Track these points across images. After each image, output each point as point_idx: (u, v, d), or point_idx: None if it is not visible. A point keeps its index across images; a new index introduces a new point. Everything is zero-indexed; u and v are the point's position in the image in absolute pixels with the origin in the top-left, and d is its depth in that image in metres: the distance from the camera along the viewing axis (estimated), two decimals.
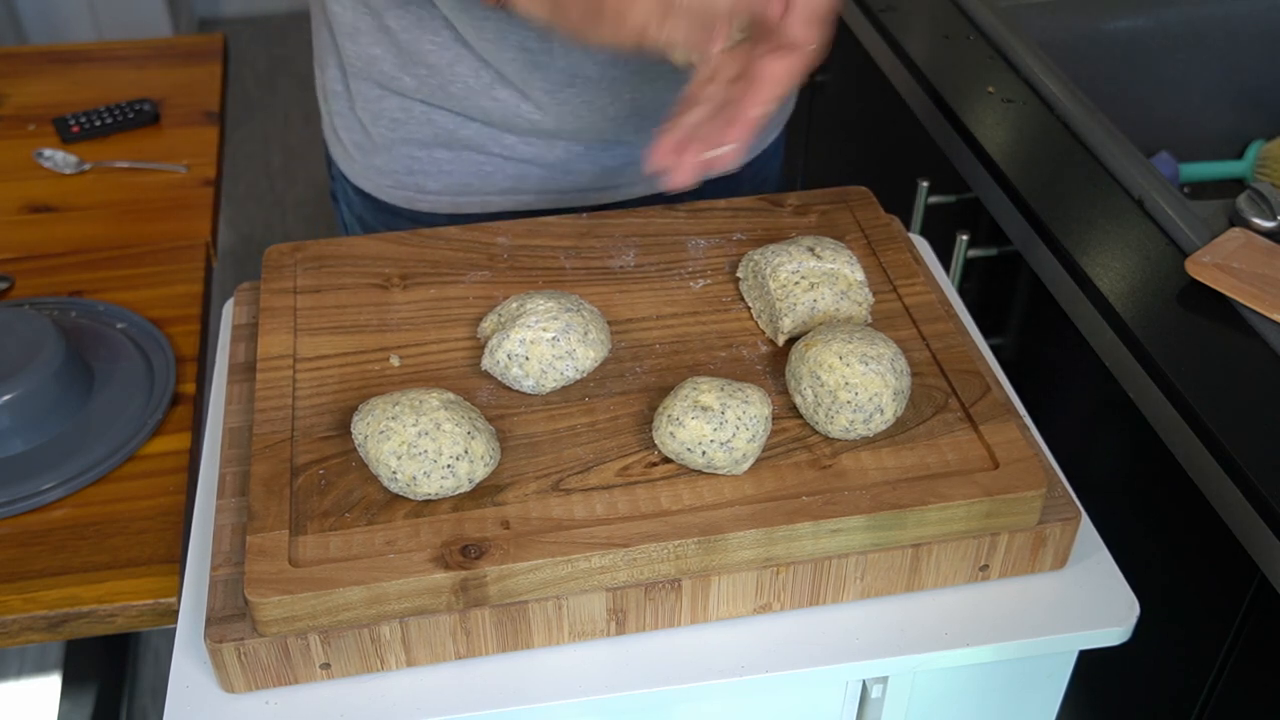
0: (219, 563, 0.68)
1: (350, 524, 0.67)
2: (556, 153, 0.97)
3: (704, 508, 0.67)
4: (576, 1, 0.68)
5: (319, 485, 0.69)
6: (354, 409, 0.73)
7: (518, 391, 0.75)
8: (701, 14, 0.65)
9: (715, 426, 0.68)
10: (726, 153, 0.68)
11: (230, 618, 0.65)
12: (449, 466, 0.67)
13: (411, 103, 0.96)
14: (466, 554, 0.65)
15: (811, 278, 0.78)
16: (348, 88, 1.00)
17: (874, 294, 0.81)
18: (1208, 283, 0.94)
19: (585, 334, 0.75)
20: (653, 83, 0.93)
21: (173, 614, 0.92)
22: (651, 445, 0.71)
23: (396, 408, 0.69)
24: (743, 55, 0.69)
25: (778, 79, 0.68)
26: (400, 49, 0.93)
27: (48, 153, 1.42)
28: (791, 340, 0.79)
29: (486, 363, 0.75)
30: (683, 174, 0.68)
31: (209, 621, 0.65)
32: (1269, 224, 1.01)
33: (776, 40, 0.67)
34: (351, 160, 1.04)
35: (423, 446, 0.67)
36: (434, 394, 0.70)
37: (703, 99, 0.69)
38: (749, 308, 0.82)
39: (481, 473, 0.68)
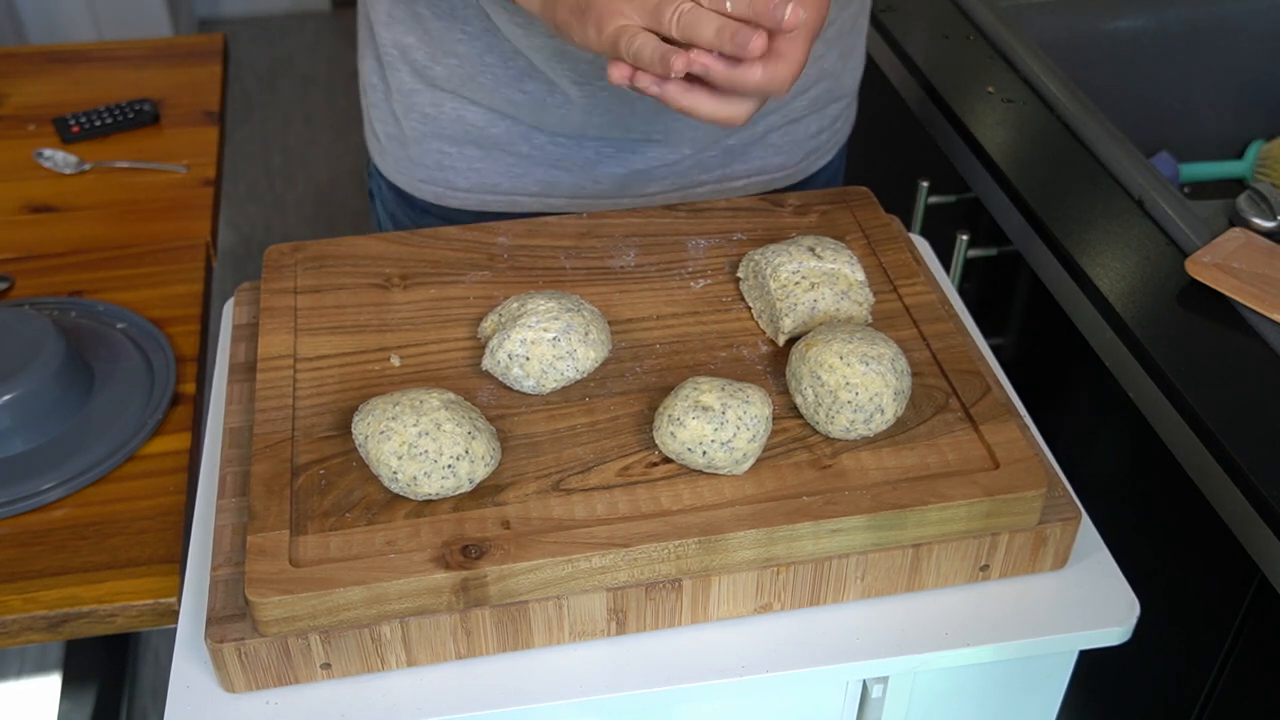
0: (219, 563, 0.68)
1: (351, 524, 0.67)
2: (586, 153, 0.97)
3: (704, 508, 0.67)
4: (566, 2, 0.69)
5: (319, 485, 0.69)
6: (354, 409, 0.73)
7: (518, 391, 0.75)
8: (683, 34, 0.65)
9: (716, 426, 0.68)
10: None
11: (231, 618, 0.65)
12: (449, 466, 0.67)
13: (443, 95, 0.97)
14: (467, 554, 0.65)
15: (812, 278, 0.78)
16: (384, 79, 1.00)
17: (874, 294, 0.81)
18: (1208, 283, 0.94)
19: (586, 334, 0.75)
20: None
21: (173, 614, 0.92)
22: (652, 445, 0.71)
23: (397, 408, 0.69)
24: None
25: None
26: (432, 37, 0.94)
27: (48, 153, 1.42)
28: (792, 340, 0.79)
29: (487, 363, 0.75)
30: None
31: (209, 621, 0.65)
32: (1269, 224, 1.01)
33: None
34: (385, 153, 1.05)
35: (423, 447, 0.67)
36: (434, 394, 0.70)
37: None
38: (749, 308, 0.82)
39: (482, 473, 0.68)
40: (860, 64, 1.08)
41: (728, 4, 0.65)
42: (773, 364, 0.78)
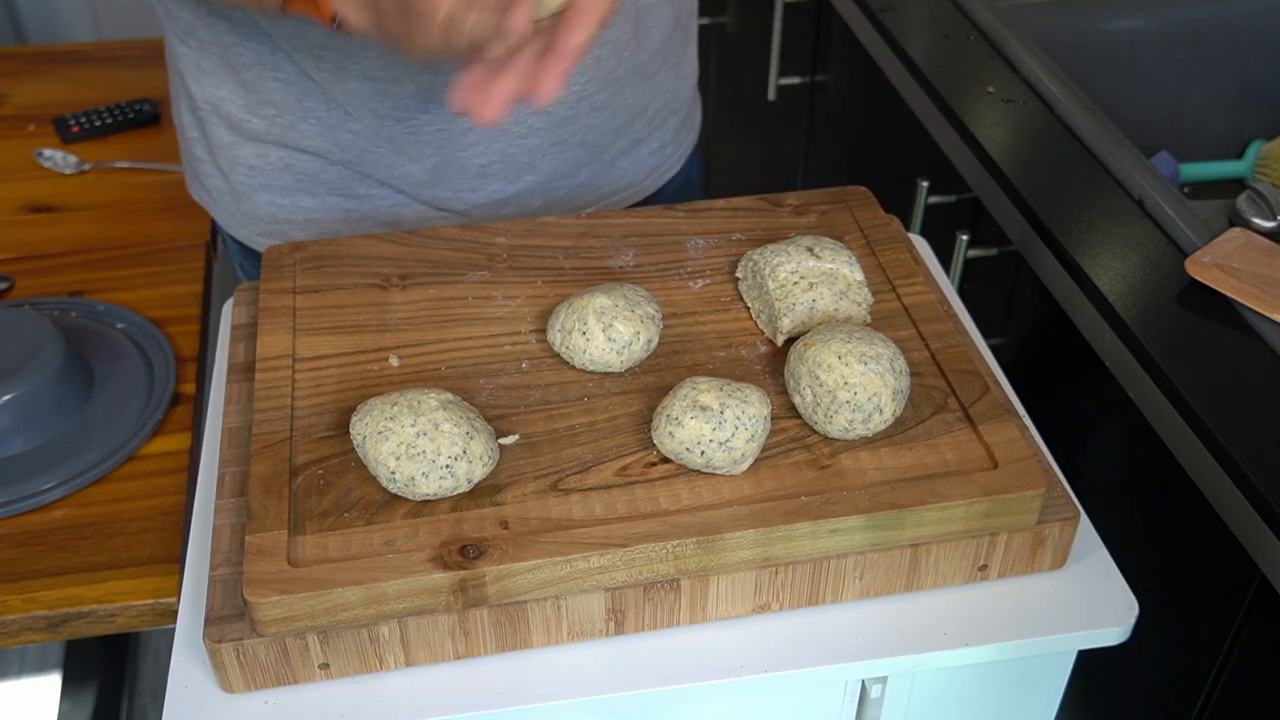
0: (218, 563, 0.68)
1: (349, 524, 0.67)
2: (422, 196, 0.94)
3: (703, 508, 0.67)
4: (390, 5, 0.66)
5: (318, 485, 0.69)
6: (353, 409, 0.73)
7: (519, 389, 0.75)
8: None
9: (714, 426, 0.68)
10: (547, 85, 0.66)
11: (229, 618, 0.65)
12: (447, 467, 0.67)
13: (266, 147, 0.93)
14: (465, 554, 0.65)
15: (811, 278, 0.78)
16: (204, 133, 0.96)
17: (873, 294, 0.81)
18: (1208, 283, 0.94)
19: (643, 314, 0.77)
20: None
21: (172, 614, 0.92)
22: (650, 445, 0.71)
23: (395, 408, 0.69)
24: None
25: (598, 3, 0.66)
26: (246, 88, 0.90)
27: (48, 153, 1.42)
28: (790, 340, 0.79)
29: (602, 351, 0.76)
30: (490, 107, 0.66)
31: (208, 621, 0.65)
32: (1269, 224, 1.01)
33: None
34: (219, 207, 1.01)
35: (421, 447, 0.67)
36: (432, 394, 0.70)
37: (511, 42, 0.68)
38: (748, 308, 0.82)
39: (480, 473, 0.68)
40: (693, 70, 1.06)
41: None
42: (771, 364, 0.78)
